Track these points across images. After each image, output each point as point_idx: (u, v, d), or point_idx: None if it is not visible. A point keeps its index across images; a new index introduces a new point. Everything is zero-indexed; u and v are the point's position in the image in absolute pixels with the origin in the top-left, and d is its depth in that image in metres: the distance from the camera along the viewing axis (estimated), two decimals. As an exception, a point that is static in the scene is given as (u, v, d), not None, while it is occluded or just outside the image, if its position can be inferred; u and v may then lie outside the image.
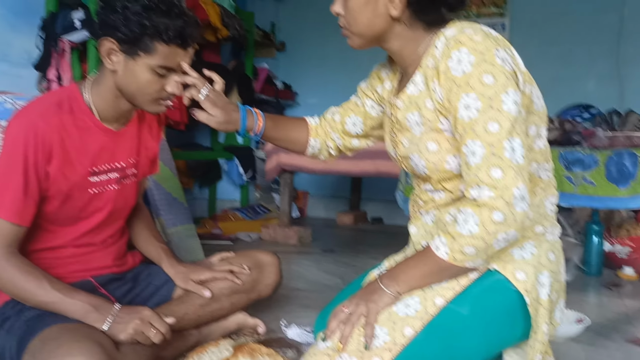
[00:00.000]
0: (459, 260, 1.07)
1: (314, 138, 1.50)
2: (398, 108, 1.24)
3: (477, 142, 1.04)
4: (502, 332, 1.16)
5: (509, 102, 1.03)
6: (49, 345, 1.13)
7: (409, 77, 1.21)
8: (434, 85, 1.12)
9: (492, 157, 1.02)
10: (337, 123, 1.47)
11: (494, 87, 1.03)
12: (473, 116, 1.04)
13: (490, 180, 1.02)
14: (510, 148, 1.03)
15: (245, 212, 3.90)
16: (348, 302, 1.22)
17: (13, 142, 1.25)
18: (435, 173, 1.17)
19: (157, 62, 1.27)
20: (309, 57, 4.77)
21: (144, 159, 1.53)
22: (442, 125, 1.13)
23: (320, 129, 1.50)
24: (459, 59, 1.06)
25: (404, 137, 1.24)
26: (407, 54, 1.20)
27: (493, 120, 1.03)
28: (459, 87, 1.06)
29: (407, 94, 1.21)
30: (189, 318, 1.49)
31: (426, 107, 1.15)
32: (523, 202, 1.02)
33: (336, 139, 1.48)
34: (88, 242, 1.44)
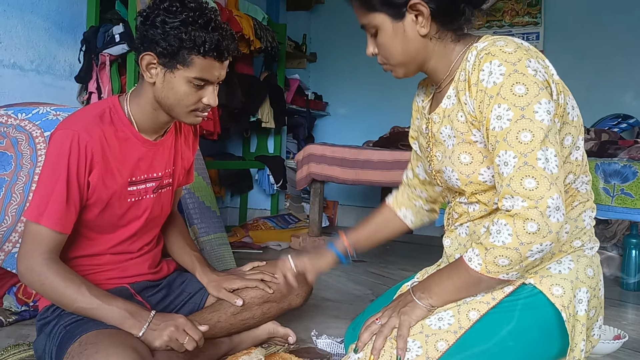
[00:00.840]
0: (492, 272, 1.06)
1: (400, 209, 1.50)
2: (434, 122, 1.24)
3: (509, 152, 1.03)
4: (538, 349, 1.14)
5: (542, 111, 1.03)
6: (87, 349, 1.16)
7: (444, 92, 1.21)
8: (465, 97, 1.12)
9: (525, 167, 1.01)
10: (412, 179, 1.48)
11: (526, 97, 1.03)
12: (505, 126, 1.04)
13: (524, 190, 1.01)
14: (544, 158, 1.01)
15: (276, 221, 3.92)
16: (380, 313, 1.22)
17: (57, 152, 1.30)
18: (469, 185, 1.16)
19: (194, 75, 1.30)
20: (340, 68, 4.80)
21: (179, 169, 1.56)
22: (475, 137, 1.13)
23: (400, 196, 1.51)
24: (490, 70, 1.06)
25: (438, 151, 1.24)
26: (441, 69, 1.20)
27: (526, 130, 1.02)
28: (490, 98, 1.05)
29: (442, 107, 1.21)
30: (221, 326, 1.50)
31: (458, 120, 1.15)
32: (558, 213, 1.00)
33: (420, 193, 1.47)
34: (125, 249, 1.47)
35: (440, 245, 1.35)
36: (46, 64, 2.67)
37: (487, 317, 1.12)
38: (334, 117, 4.90)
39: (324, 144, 3.45)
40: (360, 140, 4.08)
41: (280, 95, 4.08)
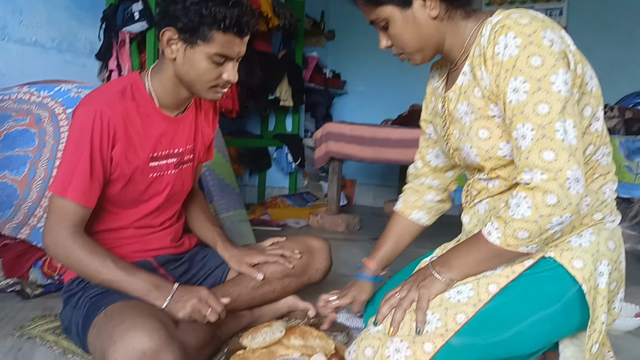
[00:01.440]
0: (512, 245, 1.06)
1: (411, 214, 1.49)
2: (450, 100, 1.23)
3: (527, 125, 1.02)
4: (557, 322, 1.14)
5: (559, 82, 1.01)
6: (113, 320, 1.19)
7: (459, 70, 1.20)
8: (481, 73, 1.11)
9: (543, 140, 1.00)
10: (422, 167, 1.45)
11: (543, 68, 1.01)
12: (522, 99, 1.02)
13: (543, 162, 1.00)
14: (562, 129, 1.00)
15: (294, 199, 3.95)
16: (399, 287, 1.23)
17: (80, 127, 1.32)
18: (489, 161, 1.15)
19: (214, 50, 1.30)
20: (358, 46, 4.75)
21: (200, 145, 1.57)
22: (492, 111, 1.12)
23: (407, 201, 1.49)
24: (505, 43, 1.04)
25: (455, 129, 1.23)
26: (456, 47, 1.19)
27: (543, 102, 1.01)
28: (506, 72, 1.04)
29: (457, 85, 1.20)
30: (242, 299, 1.53)
31: (474, 96, 1.14)
32: (578, 185, 0.99)
33: (431, 182, 1.45)
34: (148, 224, 1.50)
35: (457, 223, 1.35)
36: (67, 41, 2.69)
37: (506, 290, 1.12)
38: (352, 95, 4.87)
39: (342, 122, 3.44)
40: (379, 118, 4.06)
41: (299, 74, 4.07)
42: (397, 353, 1.11)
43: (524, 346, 1.16)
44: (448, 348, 1.10)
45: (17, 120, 1.99)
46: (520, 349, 1.17)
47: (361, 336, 1.19)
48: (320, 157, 3.44)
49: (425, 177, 1.46)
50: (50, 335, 1.46)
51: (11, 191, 1.85)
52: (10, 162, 1.89)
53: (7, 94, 2.17)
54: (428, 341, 1.11)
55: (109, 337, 1.15)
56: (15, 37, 2.46)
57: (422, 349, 1.10)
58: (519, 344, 1.15)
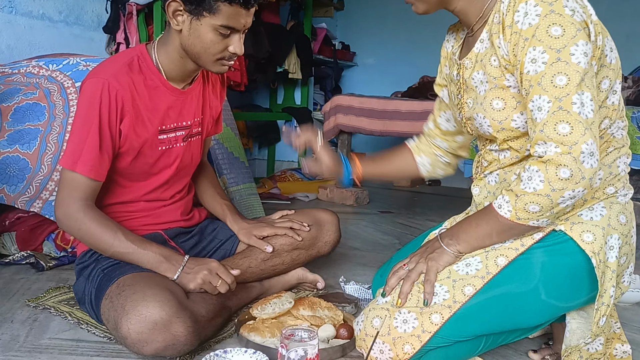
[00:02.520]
0: (522, 218, 1.05)
1: (419, 155, 1.48)
2: (466, 68, 1.21)
3: (544, 97, 1.00)
4: (565, 295, 1.14)
5: (579, 54, 0.99)
6: (125, 291, 1.21)
7: (476, 36, 1.18)
8: (499, 41, 1.09)
9: (559, 112, 0.99)
10: (433, 129, 1.46)
11: (563, 38, 0.99)
12: (540, 70, 1.01)
13: (558, 135, 0.99)
14: (579, 102, 0.98)
15: (303, 173, 3.95)
16: (408, 259, 1.23)
17: (88, 101, 1.32)
18: (501, 132, 1.14)
19: (220, 22, 1.29)
20: (368, 16, 4.68)
21: (208, 118, 1.57)
22: (508, 81, 1.10)
23: (421, 144, 1.49)
24: (525, 11, 1.02)
25: (469, 98, 1.22)
26: (473, 12, 1.17)
27: (561, 74, 0.99)
28: (525, 41, 1.02)
29: (474, 52, 1.18)
30: (252, 271, 1.55)
31: (491, 65, 1.12)
32: (592, 159, 0.98)
33: (440, 143, 1.46)
34: (158, 197, 1.51)
35: (467, 197, 1.35)
36: (74, 14, 2.68)
37: (515, 263, 1.13)
38: (361, 67, 4.82)
39: (351, 95, 3.41)
40: (389, 91, 4.03)
41: (308, 45, 4.02)
42: (405, 324, 1.13)
43: (531, 318, 1.17)
44: (455, 320, 1.11)
45: (26, 94, 2.00)
46: (527, 321, 1.18)
47: (369, 307, 1.21)
48: (329, 130, 3.42)
49: (435, 137, 1.46)
50: (65, 306, 1.49)
51: (23, 165, 1.86)
52: (22, 136, 1.90)
53: (16, 67, 2.17)
54: (435, 313, 1.12)
55: (121, 307, 1.18)
56: (23, 11, 2.45)
57: (430, 320, 1.12)
58: (526, 316, 1.16)
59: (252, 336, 1.27)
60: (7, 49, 2.40)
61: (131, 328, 1.13)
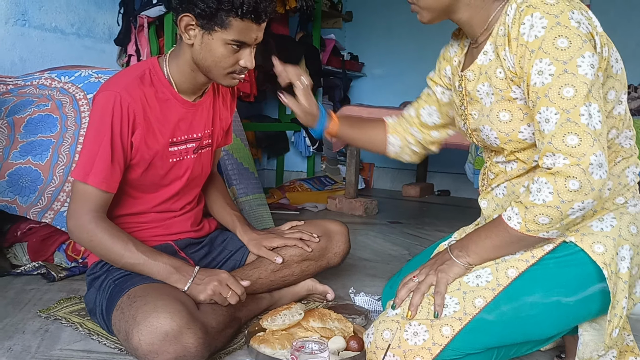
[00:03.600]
0: (532, 230, 1.05)
1: (392, 135, 1.49)
2: (469, 80, 1.21)
3: (551, 108, 1.01)
4: (577, 307, 1.13)
5: (585, 65, 0.99)
6: (136, 302, 1.22)
7: (480, 48, 1.18)
8: (504, 53, 1.09)
9: (567, 124, 0.99)
10: (413, 117, 1.46)
11: (569, 50, 1.00)
12: (547, 82, 1.01)
13: (566, 147, 0.99)
14: (587, 114, 0.99)
15: (312, 183, 3.95)
16: (418, 271, 1.23)
17: (100, 113, 1.33)
18: (508, 144, 1.14)
19: (232, 37, 1.30)
20: (376, 27, 4.70)
21: (218, 130, 1.58)
22: (514, 94, 1.10)
23: (398, 126, 1.50)
24: (531, 23, 1.03)
25: (473, 109, 1.22)
26: (477, 23, 1.17)
27: (568, 85, 0.99)
28: (531, 53, 1.03)
29: (477, 64, 1.18)
30: (262, 282, 1.55)
31: (496, 77, 1.13)
32: (600, 170, 0.98)
33: (415, 133, 1.47)
34: (168, 208, 1.52)
35: (477, 207, 1.34)
36: (86, 27, 2.71)
37: (526, 275, 1.12)
38: (370, 78, 4.83)
39: (360, 105, 3.42)
40: (397, 101, 4.03)
41: (316, 56, 4.04)
42: (415, 336, 1.12)
43: (543, 331, 1.16)
44: (466, 332, 1.11)
45: (39, 106, 2.02)
46: (538, 333, 1.17)
47: (379, 319, 1.20)
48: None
49: (412, 126, 1.47)
50: (76, 317, 1.50)
51: (35, 176, 1.89)
52: (34, 147, 1.92)
53: (29, 79, 2.20)
54: (446, 325, 1.11)
55: (132, 318, 1.18)
56: (36, 23, 2.48)
57: (440, 332, 1.11)
58: (538, 328, 1.15)
59: (263, 348, 1.27)
60: (20, 61, 2.43)
61: (142, 339, 1.14)
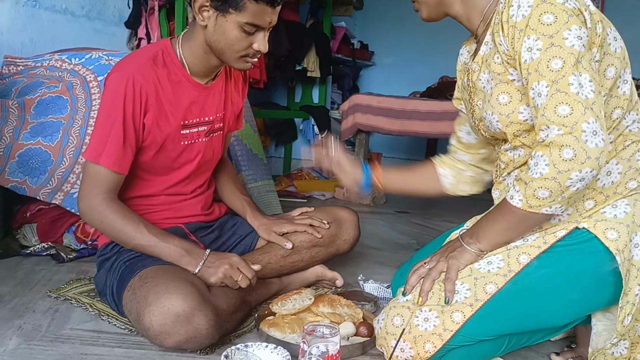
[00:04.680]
0: (534, 206, 1.04)
1: (441, 167, 1.48)
2: (473, 71, 1.23)
3: (542, 82, 1.02)
4: (590, 294, 1.13)
5: (572, 37, 1.01)
6: (148, 283, 1.22)
7: (482, 41, 1.20)
8: (499, 38, 1.10)
9: (557, 94, 1.00)
10: (455, 144, 1.46)
11: (555, 25, 1.01)
12: (535, 57, 1.02)
13: (558, 117, 0.99)
14: (576, 83, 0.99)
15: (320, 172, 3.94)
16: (429, 258, 1.23)
17: (112, 94, 1.32)
18: (510, 126, 1.14)
19: (246, 20, 1.29)
20: (387, 16, 4.67)
21: (230, 114, 1.58)
22: (512, 76, 1.12)
23: (444, 158, 1.49)
24: (518, 4, 1.05)
25: (478, 100, 1.23)
26: (474, 16, 1.21)
27: (556, 57, 1.01)
28: (520, 32, 1.05)
29: (480, 55, 1.20)
30: (271, 267, 1.55)
31: (495, 63, 1.14)
32: (596, 137, 0.97)
33: (463, 157, 1.46)
34: (179, 191, 1.51)
35: (484, 199, 1.34)
36: (96, 9, 2.70)
37: (538, 261, 1.12)
38: (379, 67, 4.80)
39: (370, 94, 3.40)
40: (407, 91, 4.01)
41: (327, 44, 4.01)
42: (426, 322, 1.12)
43: (555, 318, 1.16)
44: (477, 318, 1.11)
45: (49, 87, 2.02)
46: (550, 320, 1.16)
47: (390, 305, 1.20)
48: (347, 129, 3.41)
49: (457, 153, 1.47)
50: (86, 298, 1.50)
51: (45, 157, 1.89)
52: (44, 128, 1.92)
53: (39, 61, 2.20)
54: (457, 311, 1.11)
55: (144, 299, 1.18)
56: (47, 5, 2.47)
57: (451, 318, 1.11)
58: (550, 315, 1.15)
59: (272, 331, 1.27)
60: (30, 43, 2.42)
61: (154, 320, 1.14)
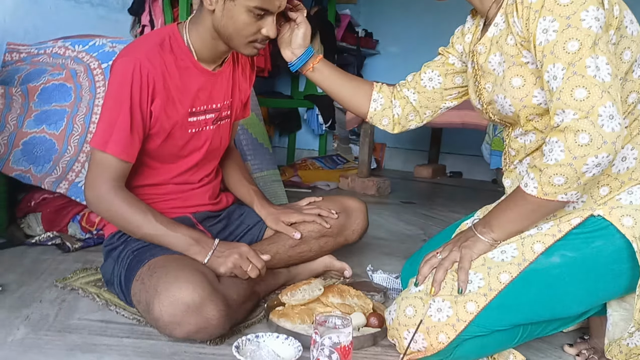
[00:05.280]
0: (549, 193, 1.02)
1: (377, 92, 1.45)
2: (480, 53, 1.21)
3: (557, 64, 0.99)
4: (606, 282, 1.11)
5: (589, 19, 0.98)
6: (157, 273, 1.20)
7: (491, 22, 1.18)
8: (513, 19, 1.08)
9: (574, 77, 0.97)
10: (410, 81, 1.44)
11: (572, 6, 0.99)
12: (551, 39, 1.00)
13: (574, 101, 0.97)
14: (593, 65, 0.97)
15: (324, 162, 3.92)
16: (441, 248, 1.21)
17: (119, 80, 1.30)
18: (523, 110, 1.12)
19: (255, 4, 1.26)
20: (391, 3, 4.62)
21: (237, 101, 1.55)
22: (525, 58, 1.09)
23: (385, 87, 1.46)
24: None
25: (487, 82, 1.21)
26: None
27: (573, 39, 0.98)
28: (535, 13, 1.02)
29: (487, 37, 1.18)
30: (280, 257, 1.53)
31: (507, 44, 1.12)
32: (612, 122, 0.95)
33: (408, 93, 1.43)
34: (186, 180, 1.49)
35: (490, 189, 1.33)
36: (99, -4, 2.68)
37: (552, 250, 1.10)
38: (384, 55, 4.76)
39: (375, 83, 3.37)
40: (411, 80, 3.97)
41: (331, 32, 3.97)
42: (439, 312, 1.10)
43: (570, 307, 1.14)
44: (491, 308, 1.09)
45: (53, 74, 2.00)
46: (566, 310, 1.15)
47: (402, 296, 1.18)
48: (352, 118, 3.39)
49: (407, 88, 1.45)
50: (92, 287, 1.49)
51: (50, 145, 1.87)
52: (48, 116, 1.90)
53: (42, 48, 2.17)
54: (470, 301, 1.10)
55: (153, 289, 1.17)
56: (50, -8, 2.45)
57: (465, 308, 1.09)
58: (565, 304, 1.13)
59: (282, 322, 1.26)
60: (33, 29, 2.40)
61: (164, 310, 1.13)
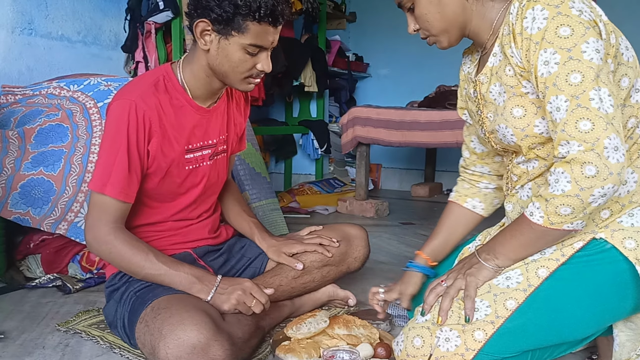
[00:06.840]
0: (555, 223, 1.03)
1: (466, 202, 1.42)
2: (482, 83, 1.21)
3: (560, 96, 1.00)
4: (611, 305, 1.11)
5: (590, 50, 0.99)
6: (161, 314, 1.19)
7: (489, 52, 1.18)
8: (511, 50, 1.09)
9: (578, 110, 0.98)
10: (469, 156, 1.42)
11: (572, 38, 1.00)
12: (553, 70, 1.01)
13: (579, 133, 0.97)
14: (597, 97, 0.98)
15: (321, 186, 3.92)
16: (445, 276, 1.21)
17: (116, 122, 1.31)
18: (525, 140, 1.13)
19: (249, 41, 1.28)
20: (380, 27, 4.68)
21: (233, 135, 1.56)
22: (525, 88, 1.10)
23: (461, 190, 1.44)
24: (533, 16, 1.03)
25: (488, 112, 1.21)
26: (484, 28, 1.19)
27: (575, 72, 0.99)
28: (536, 45, 1.03)
29: (488, 67, 1.19)
30: (283, 290, 1.52)
31: (506, 75, 1.12)
32: (617, 153, 0.96)
33: (481, 169, 1.41)
34: (186, 216, 1.49)
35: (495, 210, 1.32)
36: (92, 34, 2.70)
37: (557, 274, 1.10)
38: (375, 78, 4.81)
39: (369, 106, 3.40)
40: (403, 101, 4.01)
41: (322, 58, 4.02)
42: (447, 342, 1.09)
43: (577, 331, 1.14)
44: (499, 335, 1.08)
45: (49, 115, 2.00)
46: (573, 333, 1.14)
47: (409, 326, 1.18)
48: (347, 142, 3.40)
49: (474, 165, 1.42)
50: (96, 330, 1.47)
51: (48, 187, 1.86)
52: (45, 157, 1.90)
53: (37, 89, 2.18)
54: (478, 329, 1.09)
55: (158, 331, 1.16)
56: (42, 32, 2.47)
57: (473, 337, 1.08)
58: (572, 328, 1.12)
59: (289, 357, 1.24)
60: (27, 71, 2.41)
61: (169, 352, 1.11)
